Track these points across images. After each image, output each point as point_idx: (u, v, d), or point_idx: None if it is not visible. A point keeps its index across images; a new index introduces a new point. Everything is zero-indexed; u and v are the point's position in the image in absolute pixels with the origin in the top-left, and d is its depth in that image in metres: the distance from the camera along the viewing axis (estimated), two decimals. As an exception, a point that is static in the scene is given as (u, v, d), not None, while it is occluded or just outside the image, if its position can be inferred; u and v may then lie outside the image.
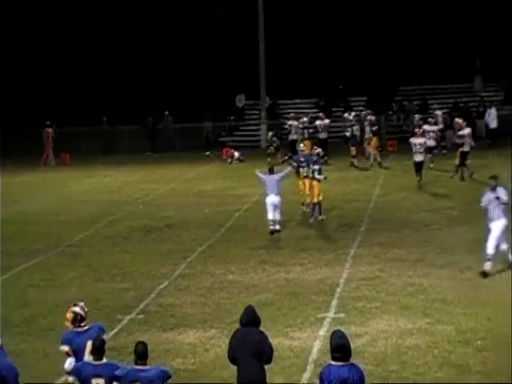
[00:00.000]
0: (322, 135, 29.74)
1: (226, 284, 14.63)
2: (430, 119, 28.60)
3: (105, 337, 8.70)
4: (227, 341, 11.64)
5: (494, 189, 14.14)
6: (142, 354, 7.77)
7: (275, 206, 18.50)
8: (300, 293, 13.72)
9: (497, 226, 14.05)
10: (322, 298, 13.41)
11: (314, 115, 32.48)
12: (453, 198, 21.42)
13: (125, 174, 30.64)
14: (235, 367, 8.39)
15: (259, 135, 36.90)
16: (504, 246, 14.19)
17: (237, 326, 12.11)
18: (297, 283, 14.34)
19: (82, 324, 8.69)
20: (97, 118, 37.51)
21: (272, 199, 18.54)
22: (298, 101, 39.16)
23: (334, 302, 13.18)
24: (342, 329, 11.73)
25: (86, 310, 8.83)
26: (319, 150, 20.52)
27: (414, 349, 10.99)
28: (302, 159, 20.07)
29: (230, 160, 31.86)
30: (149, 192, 25.60)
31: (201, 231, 19.28)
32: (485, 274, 13.93)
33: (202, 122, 36.21)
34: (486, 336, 11.23)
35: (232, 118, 38.73)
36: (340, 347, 7.33)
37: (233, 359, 8.38)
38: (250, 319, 8.41)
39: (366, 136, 28.55)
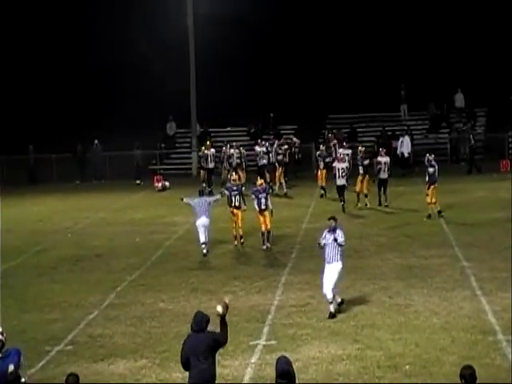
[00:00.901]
0: (262, 162, 30.01)
1: (156, 313, 14.50)
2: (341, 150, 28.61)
3: (32, 371, 8.53)
4: (158, 371, 11.61)
5: (333, 230, 13.67)
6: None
7: (206, 228, 18.72)
8: (232, 320, 13.61)
9: (332, 269, 13.61)
10: (254, 326, 13.41)
11: (232, 144, 32.30)
12: (381, 225, 21.77)
13: (53, 202, 30.15)
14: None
15: (190, 163, 36.86)
16: (329, 296, 13.62)
17: (168, 355, 12.12)
18: (228, 311, 14.25)
19: (3, 350, 8.53)
20: (22, 146, 36.89)
21: (203, 221, 18.79)
22: (229, 129, 39.33)
23: (266, 329, 13.20)
24: (274, 356, 11.81)
25: (4, 335, 8.67)
26: (261, 181, 20.08)
27: (344, 375, 11.07)
28: (234, 188, 19.96)
29: (159, 188, 31.80)
30: (78, 221, 25.22)
31: (131, 260, 19.09)
32: (333, 316, 13.53)
33: (132, 150, 35.99)
34: (414, 361, 11.40)
35: (163, 145, 38.62)
36: (285, 374, 7.36)
37: (186, 363, 8.82)
38: (199, 325, 8.95)
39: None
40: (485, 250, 17.93)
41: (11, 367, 8.22)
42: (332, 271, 13.66)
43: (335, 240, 13.59)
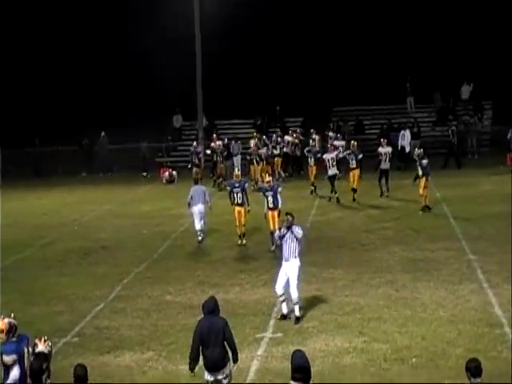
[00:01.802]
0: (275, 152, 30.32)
1: (163, 305, 14.54)
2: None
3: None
4: (165, 363, 11.64)
5: (290, 227, 13.25)
6: (82, 377, 7.77)
7: (202, 215, 19.16)
8: (238, 313, 13.72)
9: (290, 266, 13.14)
10: (260, 318, 13.43)
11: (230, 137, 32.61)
12: (386, 218, 21.73)
13: (59, 195, 30.19)
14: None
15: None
16: (295, 296, 13.06)
17: (174, 347, 12.17)
18: (235, 303, 14.33)
19: (16, 334, 8.69)
20: (28, 139, 36.92)
21: (199, 208, 19.25)
22: (235, 121, 39.32)
23: (272, 322, 13.22)
24: (280, 348, 11.86)
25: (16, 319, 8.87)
26: (269, 179, 18.92)
27: (350, 367, 11.09)
28: (236, 185, 19.04)
29: (167, 178, 31.88)
30: (84, 214, 25.27)
31: (137, 252, 19.12)
32: (284, 317, 13.19)
33: (138, 143, 36.01)
34: (420, 354, 11.40)
35: (169, 138, 38.64)
36: (301, 368, 7.31)
37: (197, 348, 9.30)
38: (212, 309, 9.42)
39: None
40: (491, 243, 17.90)
41: (26, 351, 8.52)
42: (290, 269, 13.16)
43: (295, 237, 13.15)
